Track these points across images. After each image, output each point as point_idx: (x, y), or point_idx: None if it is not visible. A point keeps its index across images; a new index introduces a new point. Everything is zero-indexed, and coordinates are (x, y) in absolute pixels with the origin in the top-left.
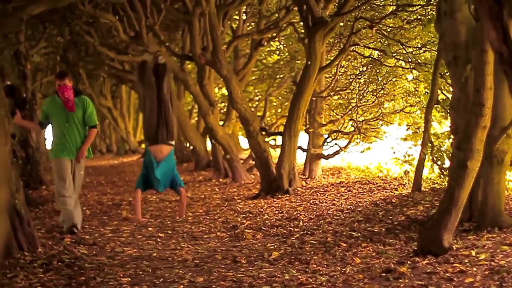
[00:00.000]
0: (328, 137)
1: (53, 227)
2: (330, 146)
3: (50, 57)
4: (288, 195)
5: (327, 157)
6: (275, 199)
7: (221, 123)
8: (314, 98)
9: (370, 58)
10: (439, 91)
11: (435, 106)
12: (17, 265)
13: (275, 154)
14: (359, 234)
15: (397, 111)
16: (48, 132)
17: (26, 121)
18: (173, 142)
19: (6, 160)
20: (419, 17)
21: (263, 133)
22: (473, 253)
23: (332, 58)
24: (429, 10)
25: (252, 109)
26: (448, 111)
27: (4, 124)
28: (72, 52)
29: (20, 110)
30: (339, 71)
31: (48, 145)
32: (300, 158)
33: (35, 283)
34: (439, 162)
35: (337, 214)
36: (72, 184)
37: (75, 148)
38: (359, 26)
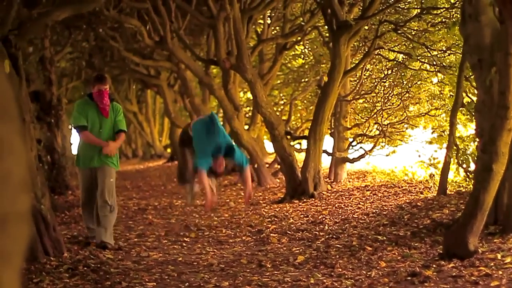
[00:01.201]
0: (353, 141)
1: (79, 232)
2: (355, 150)
3: (76, 62)
4: (313, 199)
5: (352, 160)
6: (300, 203)
7: (246, 127)
8: (339, 102)
9: (395, 61)
10: (464, 94)
11: (460, 109)
12: (43, 270)
13: (300, 158)
14: (385, 238)
15: (422, 114)
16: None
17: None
18: None
19: (30, 165)
20: (443, 20)
21: (288, 137)
22: (499, 256)
23: (357, 62)
24: (453, 13)
25: (277, 113)
26: (473, 114)
27: (30, 130)
28: (97, 57)
29: (45, 116)
30: (364, 75)
31: (74, 150)
32: (325, 162)
33: None
34: (464, 165)
35: (363, 218)
36: (97, 196)
37: (105, 156)
38: (384, 29)
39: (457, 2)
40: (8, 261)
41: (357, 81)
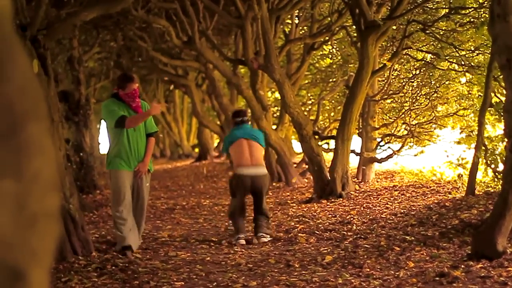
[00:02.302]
0: (381, 141)
1: (107, 231)
2: (383, 150)
3: (104, 62)
4: (341, 199)
5: (380, 160)
6: (328, 203)
7: (274, 127)
8: (367, 102)
9: (423, 61)
10: (492, 94)
11: (489, 109)
12: (71, 269)
13: (328, 158)
14: (413, 238)
15: (451, 114)
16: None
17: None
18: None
19: (59, 165)
20: (472, 20)
21: (316, 137)
22: None
23: (385, 62)
24: (482, 12)
25: (305, 113)
26: (501, 114)
27: (59, 129)
28: (125, 57)
29: (74, 116)
30: (392, 75)
31: (103, 150)
32: (353, 162)
33: (89, 287)
34: (493, 166)
35: (391, 218)
36: (131, 202)
37: (138, 159)
38: (412, 29)
39: (486, 2)
40: (38, 260)
41: (385, 81)
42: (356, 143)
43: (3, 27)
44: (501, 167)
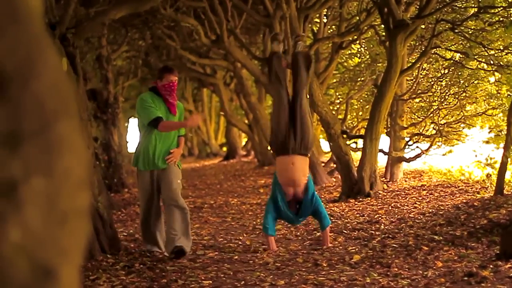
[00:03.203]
0: (409, 140)
1: (135, 229)
2: (412, 149)
3: (132, 61)
4: (369, 198)
5: (408, 160)
6: (356, 202)
7: None
8: (395, 101)
9: (452, 61)
10: None
11: None
12: (99, 268)
13: (356, 157)
14: (441, 238)
15: (479, 113)
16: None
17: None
18: (308, 154)
19: (89, 163)
20: (501, 19)
21: (344, 136)
22: None
23: (413, 61)
24: (511, 12)
25: (333, 112)
26: None
27: (87, 128)
28: (154, 56)
29: (102, 114)
30: (420, 74)
31: (131, 149)
32: (382, 161)
33: (117, 285)
34: None
35: (419, 218)
36: (159, 200)
37: (163, 159)
38: (441, 28)
39: None
40: (68, 257)
41: (414, 80)
42: (384, 142)
43: (33, 26)
44: None
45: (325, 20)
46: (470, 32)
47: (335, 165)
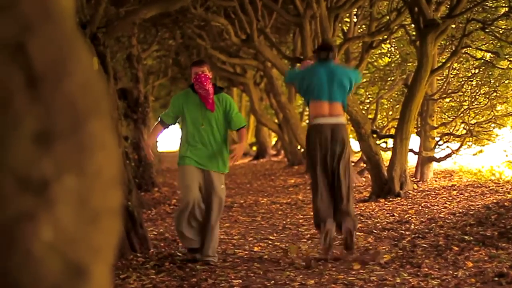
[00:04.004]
0: (439, 140)
1: (165, 229)
2: (442, 149)
3: (162, 60)
4: (399, 198)
5: (438, 160)
6: (386, 202)
7: None
8: (426, 101)
9: (482, 60)
10: None
11: None
12: (129, 266)
13: (386, 156)
14: (471, 238)
15: (510, 113)
16: (163, 135)
17: (151, 137)
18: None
19: (119, 162)
20: None
21: (375, 135)
22: None
23: (443, 61)
24: None
25: (363, 112)
26: None
27: (117, 127)
28: (184, 55)
29: (132, 113)
30: (451, 74)
31: (160, 147)
32: (412, 161)
33: (147, 284)
34: None
35: (449, 218)
36: (200, 199)
37: (207, 157)
38: (471, 28)
39: None
40: (100, 256)
41: (444, 80)
42: (414, 142)
43: (65, 25)
44: None
45: (355, 20)
46: (500, 31)
47: (365, 165)
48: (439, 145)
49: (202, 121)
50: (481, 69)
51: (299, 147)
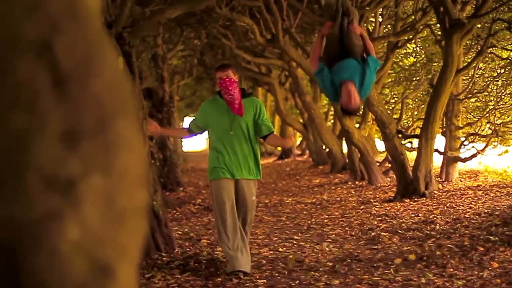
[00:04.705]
0: (465, 140)
1: (190, 228)
2: (467, 149)
3: (187, 60)
4: (424, 198)
5: (464, 160)
6: (411, 202)
7: (357, 125)
8: (451, 101)
9: (508, 60)
10: None
11: None
12: (154, 266)
13: (411, 157)
14: (497, 238)
15: None
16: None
17: (168, 130)
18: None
19: (145, 161)
20: None
21: (400, 135)
22: None
23: (469, 60)
24: None
25: (388, 112)
26: None
27: (143, 126)
28: (209, 55)
29: (157, 113)
30: (476, 73)
31: (186, 147)
32: (437, 161)
33: (172, 284)
34: None
35: (474, 218)
36: (236, 215)
37: (239, 165)
38: (497, 27)
39: None
40: (126, 255)
41: (470, 79)
42: (439, 142)
43: (92, 24)
44: None
45: (380, 19)
46: None
47: (390, 165)
48: (465, 145)
49: (231, 126)
50: (506, 69)
51: (324, 146)
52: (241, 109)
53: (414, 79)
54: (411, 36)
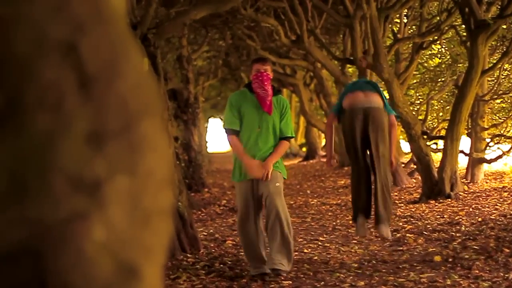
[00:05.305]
0: (490, 141)
1: (215, 229)
2: (493, 150)
3: (212, 61)
4: (449, 199)
5: (489, 161)
6: (436, 203)
7: None
8: (476, 102)
9: None
10: None
11: None
12: (179, 267)
13: (436, 158)
14: None
15: None
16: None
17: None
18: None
19: (171, 163)
20: None
21: (425, 136)
22: None
23: (494, 61)
24: None
25: (414, 113)
26: None
27: (168, 127)
28: (234, 56)
29: (182, 114)
30: (502, 74)
31: (210, 148)
32: (462, 162)
33: (197, 285)
34: None
35: (500, 219)
36: (257, 217)
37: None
38: None
39: None
40: (151, 257)
41: (495, 80)
42: (465, 143)
43: (117, 25)
44: None
45: (405, 20)
46: None
47: (415, 166)
48: (490, 146)
49: (259, 123)
50: None
51: None
52: (271, 106)
53: (439, 80)
54: (436, 37)
